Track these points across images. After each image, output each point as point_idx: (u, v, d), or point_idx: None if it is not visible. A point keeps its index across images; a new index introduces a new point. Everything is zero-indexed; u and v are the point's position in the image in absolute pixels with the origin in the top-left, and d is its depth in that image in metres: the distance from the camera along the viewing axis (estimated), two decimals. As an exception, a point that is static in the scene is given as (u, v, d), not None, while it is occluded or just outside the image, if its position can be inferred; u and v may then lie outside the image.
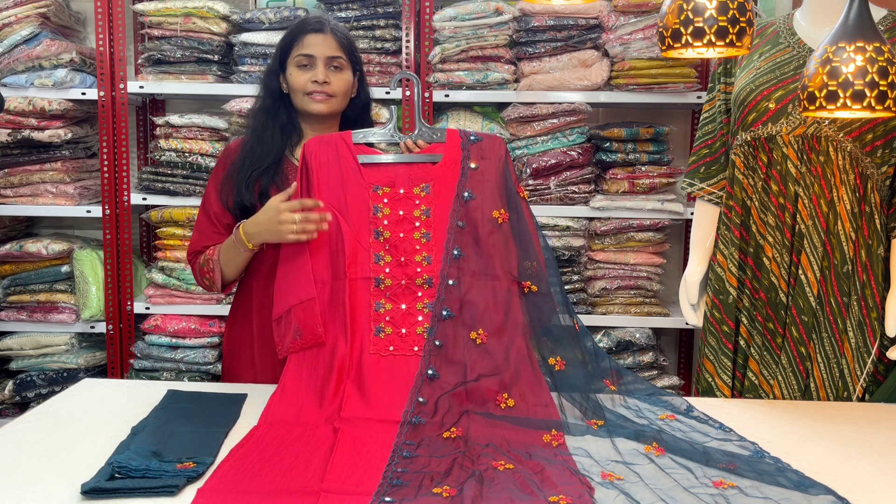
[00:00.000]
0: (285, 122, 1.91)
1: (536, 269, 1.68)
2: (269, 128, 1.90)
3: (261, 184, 1.86)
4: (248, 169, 1.86)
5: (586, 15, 2.89)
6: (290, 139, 1.91)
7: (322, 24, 1.89)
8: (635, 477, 1.32)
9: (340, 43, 1.89)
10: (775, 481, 1.31)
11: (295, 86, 1.88)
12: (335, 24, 1.92)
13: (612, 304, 3.02)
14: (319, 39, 1.87)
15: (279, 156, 1.89)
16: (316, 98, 1.87)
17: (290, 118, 1.92)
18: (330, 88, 1.87)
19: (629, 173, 2.94)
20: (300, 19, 1.96)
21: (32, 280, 3.06)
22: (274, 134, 1.90)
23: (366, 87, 2.00)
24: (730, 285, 2.00)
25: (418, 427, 1.48)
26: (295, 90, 1.89)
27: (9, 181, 3.03)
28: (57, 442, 1.45)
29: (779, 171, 1.92)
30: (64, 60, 2.96)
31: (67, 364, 3.06)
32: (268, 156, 1.87)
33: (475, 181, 1.70)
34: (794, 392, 1.92)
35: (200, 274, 1.89)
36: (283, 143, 1.90)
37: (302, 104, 1.89)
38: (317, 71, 1.86)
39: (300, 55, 1.87)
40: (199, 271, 1.89)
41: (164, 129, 3.01)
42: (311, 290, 1.65)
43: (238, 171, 1.88)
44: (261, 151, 1.88)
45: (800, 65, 1.90)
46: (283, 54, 1.91)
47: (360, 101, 1.98)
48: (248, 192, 1.85)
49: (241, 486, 1.25)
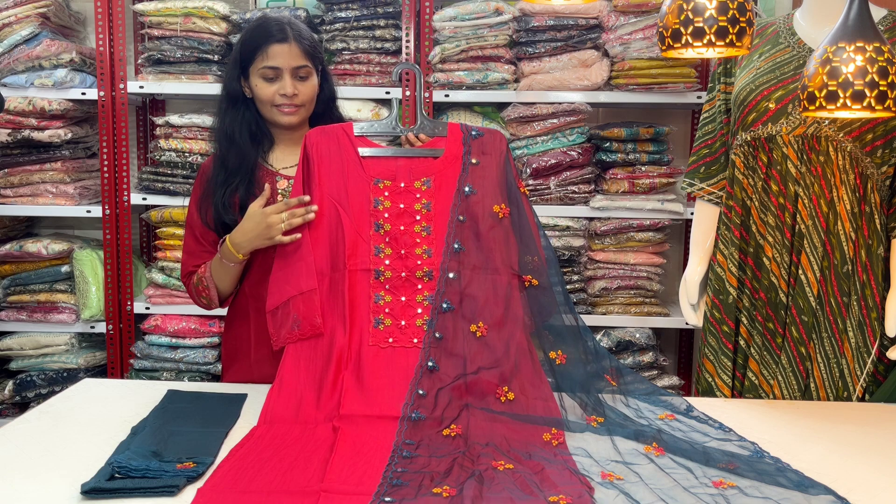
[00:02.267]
0: (255, 129, 1.88)
1: (537, 263, 1.68)
2: (237, 135, 1.86)
3: (239, 197, 1.83)
4: (223, 185, 1.83)
5: (586, 15, 2.89)
6: (260, 146, 1.88)
7: (285, 33, 1.82)
8: (635, 477, 1.32)
9: (304, 50, 1.84)
10: (775, 481, 1.31)
11: (262, 97, 1.84)
12: (297, 26, 1.86)
13: (612, 304, 3.02)
14: (284, 50, 1.81)
15: (252, 164, 1.85)
16: (285, 111, 1.84)
17: (258, 124, 1.88)
18: (298, 100, 1.83)
19: (629, 173, 2.94)
20: (261, 23, 1.87)
21: (32, 280, 3.06)
22: (243, 139, 1.86)
23: (329, 81, 1.95)
24: (730, 285, 2.00)
25: (418, 424, 1.48)
26: (262, 101, 1.85)
27: (9, 181, 3.03)
28: (57, 442, 1.45)
29: (779, 171, 1.92)
30: (64, 60, 2.96)
31: (67, 364, 3.06)
32: (241, 167, 1.84)
33: (476, 176, 1.70)
34: (794, 392, 1.92)
35: (196, 294, 1.88)
36: (255, 149, 1.87)
37: (271, 115, 1.86)
38: (284, 83, 1.81)
39: (265, 67, 1.81)
40: (194, 291, 1.88)
41: (164, 129, 3.01)
42: (313, 280, 1.65)
43: (215, 187, 1.84)
44: (234, 160, 1.84)
45: (800, 65, 1.90)
46: (244, 61, 1.85)
47: (324, 96, 1.93)
48: (226, 211, 1.82)
49: (241, 486, 1.25)
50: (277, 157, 1.91)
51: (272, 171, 1.89)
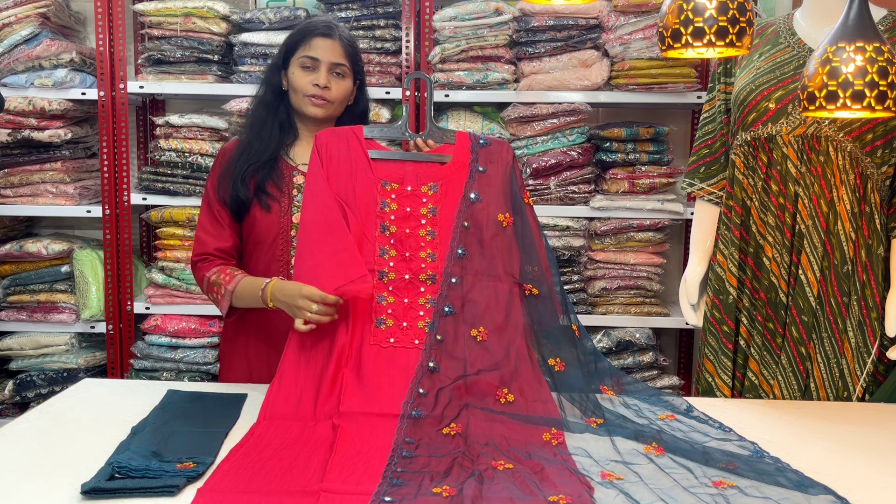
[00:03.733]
0: (284, 119, 1.92)
1: (538, 273, 1.70)
2: (269, 123, 1.91)
3: (257, 178, 1.86)
4: (245, 163, 1.87)
5: (586, 15, 2.89)
6: (287, 137, 1.92)
7: (331, 30, 1.89)
8: (635, 477, 1.32)
9: (346, 51, 1.90)
10: (775, 481, 1.31)
11: (296, 85, 1.89)
12: (343, 30, 1.93)
13: (612, 304, 3.02)
14: (327, 44, 1.87)
15: (276, 152, 1.90)
16: (314, 101, 1.88)
17: (288, 116, 1.93)
18: (329, 94, 1.88)
19: (629, 173, 2.94)
20: (309, 20, 1.96)
21: (32, 280, 3.06)
22: (273, 130, 1.90)
23: (365, 96, 2.01)
24: (730, 285, 2.00)
25: (418, 422, 1.48)
26: (295, 90, 1.89)
27: (9, 181, 3.03)
28: (57, 442, 1.45)
29: (779, 171, 1.92)
30: (64, 60, 2.96)
31: (67, 364, 3.06)
32: (265, 151, 1.88)
33: (482, 184, 1.72)
34: (794, 392, 1.92)
35: (207, 290, 1.88)
36: (280, 140, 1.91)
37: (300, 104, 1.90)
38: (319, 75, 1.87)
39: (306, 56, 1.87)
40: (206, 285, 1.87)
41: (164, 129, 3.01)
42: (362, 267, 1.64)
43: (234, 165, 1.88)
44: (258, 146, 1.88)
45: (800, 65, 1.90)
46: (287, 52, 1.91)
47: (357, 108, 1.98)
48: (243, 185, 1.85)
49: (241, 486, 1.25)
50: (298, 153, 1.94)
51: (291, 166, 1.92)
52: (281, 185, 1.89)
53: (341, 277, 1.63)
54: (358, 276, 1.63)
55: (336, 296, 1.61)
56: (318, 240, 1.67)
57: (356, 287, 1.62)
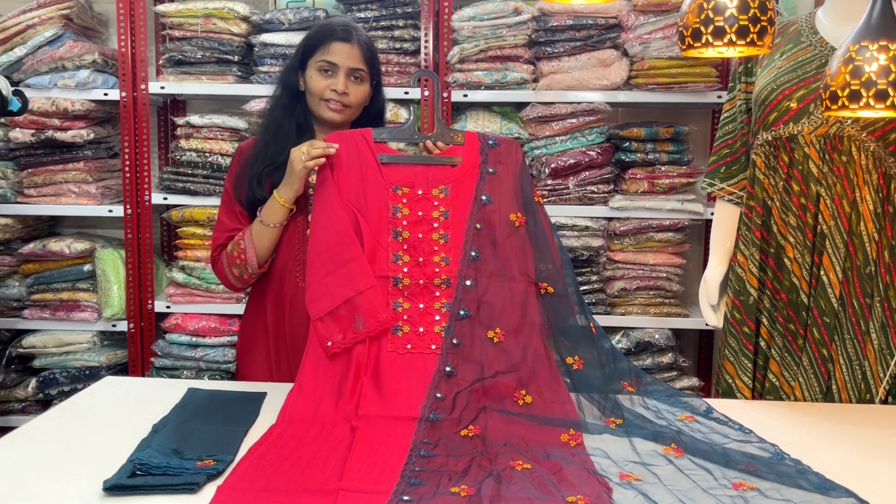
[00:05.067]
0: (302, 121, 1.92)
1: (553, 271, 1.69)
2: (285, 125, 1.91)
3: (272, 179, 1.86)
4: (261, 165, 1.87)
5: (605, 14, 2.88)
6: (303, 138, 1.91)
7: (349, 34, 1.89)
8: (654, 478, 1.32)
9: (364, 55, 1.90)
10: (796, 483, 1.30)
11: (313, 89, 1.89)
12: (361, 33, 1.92)
13: (632, 304, 3.00)
14: (346, 49, 1.87)
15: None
16: (332, 106, 1.88)
17: (306, 117, 1.93)
18: (347, 99, 1.88)
19: (648, 173, 2.92)
20: (328, 22, 1.96)
21: (55, 279, 3.09)
22: (289, 131, 1.90)
23: (381, 96, 2.01)
24: (750, 286, 1.99)
25: (436, 424, 1.48)
26: (312, 93, 1.90)
27: (32, 181, 3.07)
28: (79, 439, 1.46)
29: (800, 171, 1.90)
30: (86, 61, 2.99)
31: (89, 362, 3.09)
32: (281, 152, 1.87)
33: (493, 185, 1.72)
34: (816, 394, 1.91)
35: (229, 263, 1.87)
36: (297, 141, 1.89)
37: (317, 108, 1.90)
38: (337, 80, 1.87)
39: (324, 61, 1.87)
40: (227, 262, 1.87)
41: (185, 129, 3.04)
42: (370, 278, 1.65)
43: (251, 166, 1.89)
44: (275, 148, 1.88)
45: (822, 64, 1.89)
46: (305, 54, 1.91)
47: (374, 109, 1.98)
48: (259, 186, 1.86)
49: (260, 485, 1.26)
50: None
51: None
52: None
53: (350, 288, 1.64)
54: (366, 286, 1.64)
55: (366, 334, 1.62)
56: (326, 250, 1.67)
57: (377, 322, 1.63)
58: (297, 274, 1.85)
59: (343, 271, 1.65)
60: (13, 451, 1.40)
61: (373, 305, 1.64)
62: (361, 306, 1.63)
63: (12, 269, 3.15)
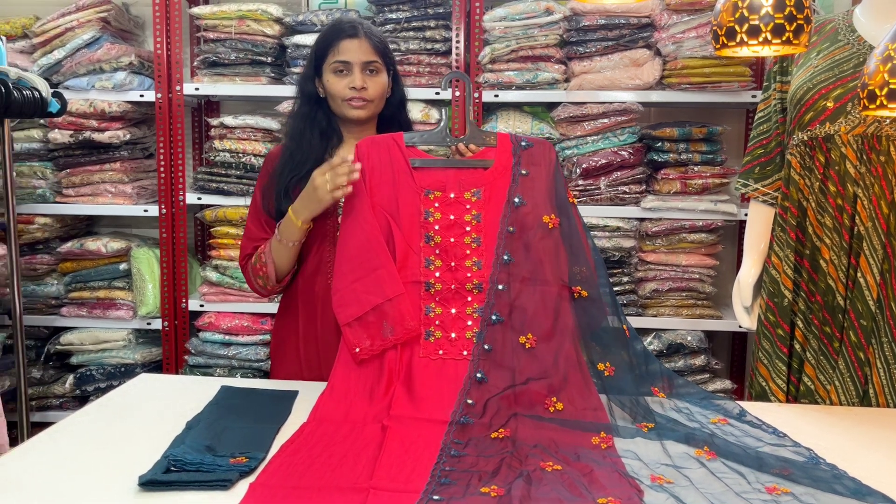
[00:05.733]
0: (325, 127, 1.93)
1: (586, 273, 1.67)
2: (308, 133, 1.91)
3: (300, 188, 1.84)
4: (288, 175, 1.88)
5: (638, 14, 2.86)
6: (329, 143, 1.92)
7: (356, 29, 1.89)
8: (686, 481, 1.30)
9: (375, 46, 1.89)
10: (831, 488, 1.28)
11: (333, 92, 1.89)
12: (368, 26, 1.92)
13: (664, 306, 2.98)
14: (355, 45, 1.87)
15: (319, 161, 1.87)
16: (354, 104, 1.88)
17: (329, 122, 1.93)
18: (367, 94, 1.88)
19: (681, 173, 2.90)
20: (333, 23, 1.95)
21: (92, 277, 3.15)
22: (312, 139, 1.91)
23: (400, 85, 2.00)
24: (785, 288, 1.96)
25: (466, 427, 1.48)
26: (333, 96, 1.90)
27: (71, 181, 3.13)
28: (115, 435, 1.49)
29: (837, 172, 1.87)
30: (123, 63, 3.04)
31: (125, 359, 3.14)
32: (307, 161, 1.87)
33: (526, 187, 1.70)
34: (852, 398, 1.88)
35: (253, 274, 1.90)
36: (322, 148, 1.91)
37: (341, 110, 1.91)
38: (354, 77, 1.87)
39: (336, 62, 1.88)
40: (251, 272, 1.91)
41: (219, 129, 3.07)
42: (398, 285, 1.65)
43: (278, 177, 1.89)
44: (300, 157, 1.89)
45: (859, 62, 1.86)
46: (318, 59, 1.91)
47: (395, 99, 1.98)
48: (286, 199, 1.85)
49: (292, 482, 1.27)
50: (343, 156, 1.92)
51: None
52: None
53: (378, 295, 1.64)
54: (395, 293, 1.64)
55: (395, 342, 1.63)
56: (356, 256, 1.67)
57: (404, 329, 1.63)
58: (328, 275, 1.87)
59: (372, 277, 1.65)
60: (51, 447, 1.43)
61: (401, 313, 1.63)
62: (390, 313, 1.63)
63: (51, 267, 3.21)
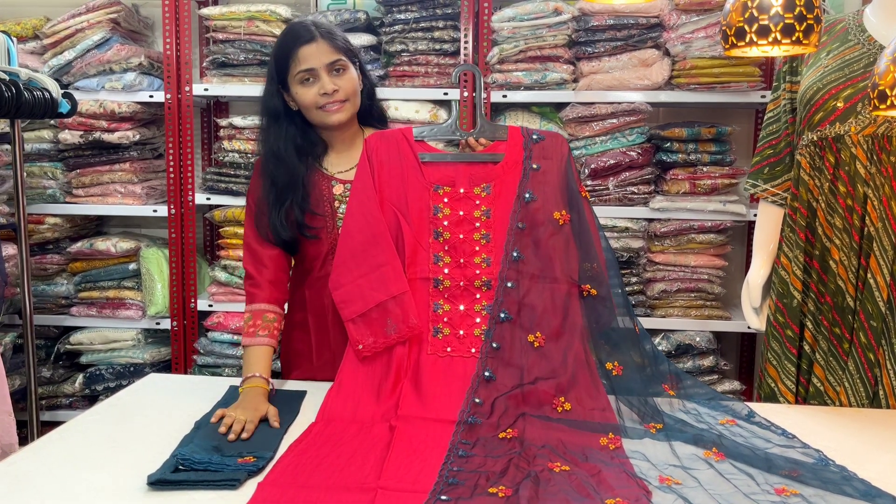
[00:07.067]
0: (301, 142, 1.84)
1: (597, 271, 1.65)
2: (283, 151, 1.83)
3: (294, 215, 1.81)
4: (277, 205, 1.80)
5: (647, 14, 2.86)
6: (308, 158, 1.85)
7: (311, 32, 1.80)
8: (694, 482, 1.30)
9: (334, 44, 1.81)
10: (840, 490, 1.27)
11: (305, 103, 1.81)
12: (322, 25, 1.84)
13: (672, 306, 2.97)
14: (313, 49, 1.79)
15: (301, 179, 1.82)
16: (330, 109, 1.81)
17: (304, 136, 1.86)
18: (340, 95, 1.80)
19: (690, 174, 2.89)
20: (285, 33, 1.86)
21: (102, 277, 3.16)
22: (290, 157, 1.82)
23: (367, 74, 1.92)
24: (794, 289, 1.95)
25: (474, 427, 1.48)
26: (307, 107, 1.82)
27: (80, 181, 3.14)
28: (124, 434, 1.50)
29: (847, 172, 1.86)
30: (133, 64, 3.05)
31: (134, 359, 3.15)
32: (290, 183, 1.81)
33: (536, 182, 1.68)
34: (862, 399, 1.86)
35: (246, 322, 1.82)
36: (303, 166, 1.83)
37: (319, 119, 1.83)
38: (322, 82, 1.79)
39: (300, 71, 1.79)
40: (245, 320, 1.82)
41: (228, 130, 3.08)
42: (403, 283, 1.64)
43: (269, 208, 1.81)
44: (283, 180, 1.81)
45: (870, 62, 1.85)
46: (280, 73, 1.83)
47: (364, 90, 1.90)
48: (283, 229, 1.80)
49: (300, 482, 1.27)
50: (332, 162, 1.89)
51: (328, 176, 1.87)
52: (321, 204, 1.84)
53: (383, 292, 1.63)
54: (399, 290, 1.63)
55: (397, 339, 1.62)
56: (361, 251, 1.66)
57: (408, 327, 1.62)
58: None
59: (377, 274, 1.64)
60: (61, 446, 1.44)
61: (405, 310, 1.63)
62: (394, 311, 1.63)
63: (61, 267, 3.22)
